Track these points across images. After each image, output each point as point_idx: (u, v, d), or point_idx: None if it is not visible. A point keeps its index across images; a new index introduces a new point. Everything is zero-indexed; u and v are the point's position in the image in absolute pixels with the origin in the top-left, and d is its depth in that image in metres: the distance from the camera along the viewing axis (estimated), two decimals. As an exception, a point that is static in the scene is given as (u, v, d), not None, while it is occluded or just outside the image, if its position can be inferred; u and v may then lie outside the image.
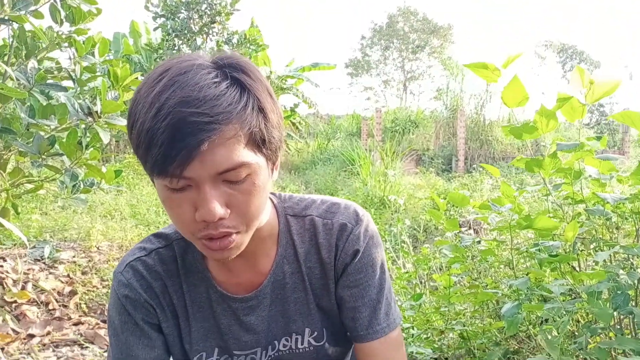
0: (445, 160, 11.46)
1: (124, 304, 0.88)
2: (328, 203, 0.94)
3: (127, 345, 0.88)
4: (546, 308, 1.39)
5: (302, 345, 0.94)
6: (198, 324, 0.91)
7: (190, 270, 0.90)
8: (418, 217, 5.66)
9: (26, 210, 4.82)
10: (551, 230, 1.45)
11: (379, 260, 0.93)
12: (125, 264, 0.90)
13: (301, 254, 0.91)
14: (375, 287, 0.91)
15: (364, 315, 0.91)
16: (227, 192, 0.72)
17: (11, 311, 2.60)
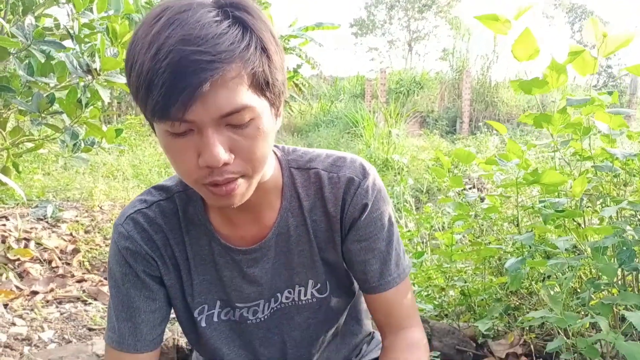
0: (450, 122, 11.36)
1: (125, 256, 0.87)
2: (333, 157, 0.92)
3: (128, 297, 0.87)
4: (550, 264, 1.37)
5: (304, 297, 0.94)
6: (200, 276, 0.90)
7: (192, 223, 0.89)
8: (421, 178, 5.63)
9: (28, 170, 4.81)
10: (558, 185, 1.42)
11: (387, 213, 0.92)
12: (125, 216, 0.89)
13: (306, 206, 0.90)
14: (384, 240, 0.91)
15: (375, 268, 0.90)
16: (231, 137, 0.70)
17: (14, 269, 2.61)
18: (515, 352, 1.80)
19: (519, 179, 1.49)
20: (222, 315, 0.93)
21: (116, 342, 0.88)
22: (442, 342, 1.90)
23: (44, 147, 3.58)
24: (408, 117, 8.85)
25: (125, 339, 0.87)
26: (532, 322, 1.40)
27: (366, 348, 1.10)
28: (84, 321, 2.15)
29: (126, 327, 0.88)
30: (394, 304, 0.92)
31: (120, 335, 0.88)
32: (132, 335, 0.87)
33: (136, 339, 0.88)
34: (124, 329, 0.88)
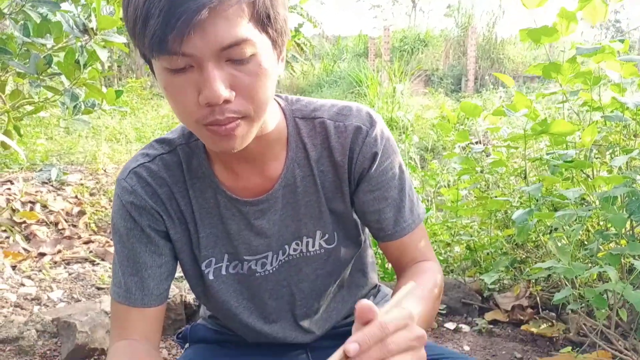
0: (455, 80, 11.19)
1: (129, 211, 0.85)
2: (339, 105, 0.89)
3: (133, 252, 0.86)
4: (557, 215, 1.35)
5: (312, 248, 0.92)
6: (207, 230, 0.88)
7: (197, 176, 0.87)
8: (425, 137, 5.59)
9: (31, 134, 4.79)
10: (568, 134, 1.39)
11: (397, 160, 0.90)
12: (128, 170, 0.86)
13: (313, 157, 0.87)
14: (396, 188, 0.89)
15: (389, 216, 0.89)
16: (232, 74, 0.67)
17: (21, 231, 2.63)
18: (521, 304, 1.81)
19: (527, 131, 1.46)
20: (230, 268, 0.92)
21: (123, 297, 0.87)
22: (448, 295, 1.91)
23: (45, 111, 3.55)
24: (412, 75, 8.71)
25: (132, 294, 0.86)
26: (539, 273, 1.39)
27: (372, 301, 1.10)
28: (92, 281, 2.17)
29: (132, 282, 0.86)
30: (408, 247, 0.92)
31: (127, 290, 0.87)
32: (139, 289, 0.86)
33: (143, 293, 0.86)
34: (130, 283, 0.86)
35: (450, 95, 9.74)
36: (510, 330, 1.73)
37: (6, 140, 2.44)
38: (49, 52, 2.69)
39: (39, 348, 1.52)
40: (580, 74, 1.57)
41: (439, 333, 1.73)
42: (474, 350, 1.61)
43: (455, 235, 2.21)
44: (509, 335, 1.70)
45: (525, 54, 11.94)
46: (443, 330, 1.75)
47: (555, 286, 1.82)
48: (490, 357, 1.55)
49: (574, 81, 1.63)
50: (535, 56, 11.81)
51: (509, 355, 1.56)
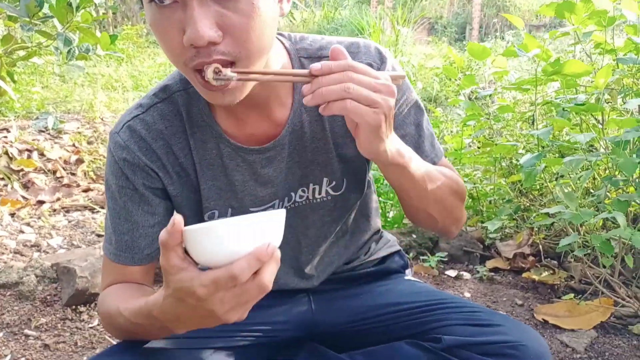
0: (459, 28, 10.92)
1: (122, 168, 0.80)
2: (345, 42, 0.84)
3: (125, 210, 0.82)
4: (566, 161, 1.32)
5: (319, 195, 0.89)
6: (209, 182, 0.84)
7: (197, 125, 0.81)
8: (429, 87, 5.48)
9: (26, 82, 4.69)
10: (581, 76, 1.33)
11: (411, 97, 0.86)
12: (122, 123, 0.81)
13: None
14: (412, 124, 0.86)
15: None
16: (220, 12, 0.61)
17: (19, 179, 2.60)
18: (523, 252, 1.80)
19: (538, 73, 1.40)
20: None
21: (113, 255, 0.84)
22: (450, 243, 1.90)
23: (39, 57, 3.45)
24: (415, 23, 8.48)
25: (122, 252, 0.83)
26: (544, 220, 1.37)
27: (375, 246, 1.08)
28: (91, 228, 2.16)
29: (122, 240, 0.83)
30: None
31: (118, 248, 0.83)
32: (130, 248, 0.83)
33: (133, 252, 0.83)
34: (121, 242, 0.83)
35: (454, 44, 9.52)
36: (512, 278, 1.73)
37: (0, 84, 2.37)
38: (40, -6, 2.58)
39: (39, 293, 1.52)
40: (595, 14, 1.50)
41: (440, 280, 1.73)
42: (475, 297, 1.61)
43: (458, 184, 2.19)
44: (510, 282, 1.70)
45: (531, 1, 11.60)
46: (444, 278, 1.75)
47: (557, 235, 1.80)
48: (490, 304, 1.55)
49: (587, 22, 1.56)
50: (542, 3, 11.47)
51: (509, 302, 1.56)
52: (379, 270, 1.06)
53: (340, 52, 0.65)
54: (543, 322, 1.43)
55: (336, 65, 0.63)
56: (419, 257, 1.86)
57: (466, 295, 1.61)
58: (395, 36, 6.92)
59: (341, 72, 0.63)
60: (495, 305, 1.54)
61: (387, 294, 0.98)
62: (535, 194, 1.84)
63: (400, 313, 0.92)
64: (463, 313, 0.86)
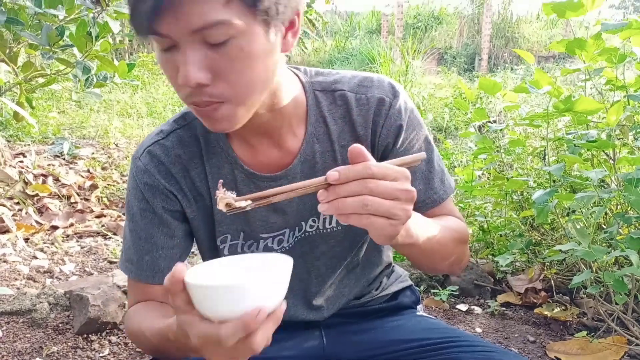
0: (468, 59, 11.02)
1: (143, 191, 0.84)
2: (359, 77, 0.86)
3: (146, 232, 0.85)
4: (578, 197, 1.32)
5: (330, 225, 0.90)
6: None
7: (214, 151, 0.84)
8: (438, 117, 5.51)
9: (43, 107, 4.79)
10: (593, 113, 1.34)
11: (423, 132, 0.88)
12: (143, 148, 0.85)
13: (334, 131, 0.85)
14: (423, 160, 0.86)
15: (419, 190, 0.86)
16: (210, 56, 0.65)
17: (33, 204, 2.63)
18: (535, 287, 1.79)
19: (549, 109, 1.42)
20: (246, 247, 0.90)
21: (134, 274, 0.87)
22: (460, 277, 1.89)
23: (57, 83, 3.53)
24: (425, 53, 8.58)
25: (143, 271, 0.86)
26: (556, 256, 1.36)
27: (386, 281, 1.08)
28: (104, 254, 2.18)
29: (143, 260, 0.86)
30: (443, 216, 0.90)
31: (139, 267, 0.86)
32: (150, 268, 0.86)
33: (154, 272, 0.86)
34: (142, 262, 0.86)
35: (463, 74, 9.59)
36: (523, 313, 1.71)
37: (19, 110, 2.43)
38: (61, 24, 2.66)
39: (52, 321, 1.53)
40: (605, 51, 1.52)
41: (450, 314, 1.72)
42: (486, 332, 1.59)
43: (468, 216, 2.19)
44: (522, 318, 1.69)
45: (540, 33, 11.71)
46: (455, 312, 1.73)
47: (570, 270, 1.79)
48: (502, 340, 1.54)
49: (597, 58, 1.58)
50: (551, 35, 11.56)
51: (521, 338, 1.54)
52: (391, 305, 1.06)
53: (360, 153, 0.60)
54: (556, 359, 1.42)
55: (354, 173, 0.59)
56: (429, 291, 1.85)
57: (477, 330, 1.60)
58: (406, 66, 7.01)
59: (359, 180, 0.59)
60: (507, 342, 1.53)
61: (398, 330, 0.98)
62: (546, 228, 1.83)
63: (411, 350, 0.92)
64: (476, 352, 0.86)
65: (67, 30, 2.71)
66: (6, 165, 2.88)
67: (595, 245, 1.38)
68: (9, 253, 2.06)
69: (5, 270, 1.90)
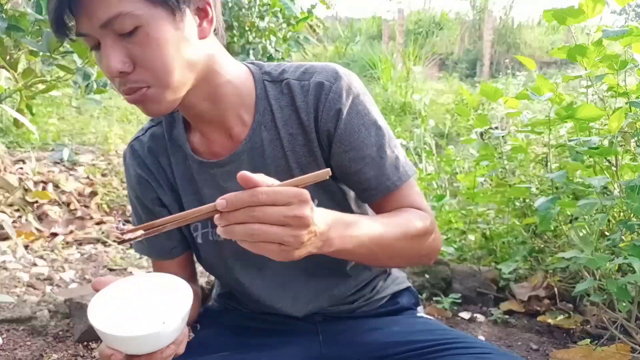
0: (470, 64, 11.03)
1: (130, 182, 0.96)
2: (307, 65, 0.89)
3: (145, 215, 0.96)
4: (581, 204, 1.31)
5: None
6: (188, 196, 0.93)
7: (176, 144, 0.92)
8: (440, 123, 5.51)
9: (43, 114, 4.79)
10: (594, 120, 1.34)
11: (371, 116, 0.86)
12: (128, 144, 0.98)
13: (279, 119, 0.87)
14: (373, 145, 0.85)
15: (370, 176, 0.85)
16: (126, 46, 0.72)
17: (33, 211, 2.63)
18: (538, 295, 1.78)
19: (550, 116, 1.41)
20: (215, 235, 0.93)
21: (146, 251, 1.01)
22: (463, 284, 1.88)
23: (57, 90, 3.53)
24: (427, 59, 8.59)
25: (154, 249, 0.98)
26: (560, 263, 1.35)
27: (382, 284, 1.07)
28: (104, 262, 2.17)
29: (145, 240, 0.90)
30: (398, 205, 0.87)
31: (150, 246, 0.98)
32: (153, 246, 0.97)
33: (158, 249, 0.98)
34: (150, 240, 0.93)
35: (465, 80, 9.60)
36: (526, 321, 1.70)
37: (19, 117, 2.42)
38: (62, 31, 2.66)
39: (52, 328, 1.52)
40: (607, 57, 1.51)
41: (453, 322, 1.70)
42: (489, 340, 1.58)
43: (470, 223, 2.17)
44: (525, 325, 1.67)
45: (542, 38, 11.73)
46: (458, 320, 1.72)
47: (573, 277, 1.78)
48: (505, 348, 1.53)
49: (599, 65, 1.58)
50: (553, 41, 11.58)
51: (524, 346, 1.53)
52: (390, 307, 1.05)
53: (249, 180, 0.60)
54: (559, 368, 1.40)
55: (241, 201, 0.59)
56: (432, 298, 1.84)
57: (480, 338, 1.59)
58: (407, 72, 7.02)
59: (246, 207, 0.59)
60: (511, 350, 1.51)
61: (397, 332, 0.97)
62: (549, 235, 1.82)
63: (411, 353, 0.91)
64: (475, 354, 0.85)
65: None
66: (6, 172, 2.88)
67: (598, 252, 1.37)
68: (8, 260, 2.05)
69: (5, 277, 1.89)
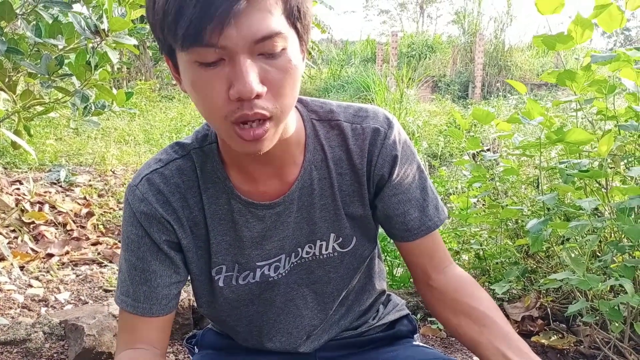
0: (462, 87, 11.17)
1: (140, 220, 0.82)
2: (354, 107, 0.89)
3: (143, 261, 0.84)
4: (572, 226, 1.34)
5: (325, 252, 0.91)
6: (218, 237, 0.86)
7: (211, 181, 0.84)
8: (433, 144, 5.57)
9: (40, 135, 4.81)
10: (584, 143, 1.37)
11: (416, 161, 0.90)
12: (141, 176, 0.83)
13: (330, 159, 0.86)
14: (418, 188, 0.88)
15: (415, 217, 0.88)
16: (263, 68, 0.66)
17: (29, 232, 2.63)
18: (532, 315, 1.79)
19: (541, 139, 1.45)
20: (241, 279, 0.90)
21: (131, 306, 0.84)
22: (457, 304, 1.89)
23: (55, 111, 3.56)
24: (420, 81, 8.70)
25: (140, 303, 0.84)
26: (552, 284, 1.37)
27: (383, 310, 1.08)
28: (99, 283, 2.17)
29: (141, 291, 0.84)
30: (435, 245, 0.91)
31: (135, 299, 0.84)
32: (148, 299, 0.84)
33: (151, 303, 0.84)
34: (139, 292, 0.84)
35: (457, 101, 9.72)
36: (521, 341, 1.70)
37: (17, 140, 2.44)
38: (60, 53, 2.70)
39: (46, 351, 1.52)
40: (595, 82, 1.56)
41: (447, 343, 1.71)
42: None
43: (464, 244, 2.19)
44: (519, 346, 1.68)
45: (532, 61, 11.92)
46: (452, 340, 1.73)
47: (566, 297, 1.80)
48: (500, 368, 1.53)
49: (587, 89, 1.62)
50: (543, 64, 11.78)
51: (519, 367, 1.54)
52: (388, 335, 1.06)
53: None
54: (554, 389, 1.41)
55: None
56: (426, 319, 1.84)
57: (475, 359, 1.59)
58: (400, 94, 7.10)
59: None
60: (505, 370, 1.52)
61: None
62: (542, 255, 1.84)
63: None
64: None
65: (66, 59, 2.76)
66: (3, 192, 2.88)
67: (590, 273, 1.39)
68: (4, 281, 2.05)
69: (0, 299, 1.89)
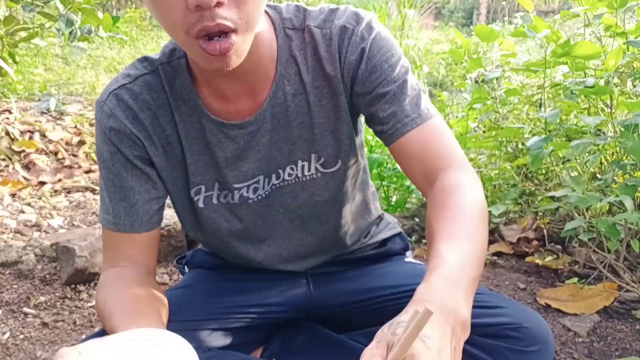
0: (466, 13, 10.81)
1: (109, 136, 0.79)
2: (326, 10, 0.81)
3: (119, 177, 0.81)
4: (573, 145, 1.29)
5: (308, 173, 0.86)
6: (195, 156, 0.82)
7: (181, 98, 0.80)
8: (435, 71, 5.43)
9: (28, 64, 4.67)
10: (592, 58, 1.30)
11: (394, 55, 0.79)
12: (108, 92, 0.80)
13: (304, 72, 0.80)
14: (394, 82, 0.78)
15: (389, 113, 0.78)
16: None
17: (20, 160, 2.59)
18: (527, 237, 1.78)
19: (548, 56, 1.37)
20: (221, 198, 0.86)
21: (112, 223, 0.82)
22: (453, 228, 1.88)
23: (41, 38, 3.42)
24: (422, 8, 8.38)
25: (120, 219, 0.82)
26: (550, 204, 1.35)
27: (375, 229, 1.06)
28: (92, 209, 2.16)
29: (121, 207, 0.81)
30: (420, 146, 0.78)
31: (116, 216, 0.82)
32: (128, 215, 0.82)
33: (132, 219, 0.82)
34: (119, 209, 0.82)
35: (461, 29, 9.42)
36: (515, 262, 1.71)
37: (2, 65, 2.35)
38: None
39: (39, 272, 1.51)
40: (607, -6, 1.46)
41: (442, 264, 1.71)
42: (478, 281, 1.59)
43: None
44: (513, 266, 1.68)
45: (541, -13, 11.45)
46: (447, 262, 1.73)
47: (562, 219, 1.78)
48: (493, 288, 1.54)
49: (597, 5, 1.52)
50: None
51: (512, 286, 1.54)
52: (380, 252, 1.04)
53: None
54: (546, 306, 1.42)
55: None
56: (421, 241, 1.84)
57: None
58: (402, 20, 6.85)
59: None
60: (498, 289, 1.53)
61: (387, 276, 0.97)
62: (540, 178, 1.81)
63: (399, 295, 0.90)
64: None
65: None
66: (-9, 120, 2.82)
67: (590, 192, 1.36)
68: (-5, 208, 2.04)
69: (-8, 224, 1.88)
